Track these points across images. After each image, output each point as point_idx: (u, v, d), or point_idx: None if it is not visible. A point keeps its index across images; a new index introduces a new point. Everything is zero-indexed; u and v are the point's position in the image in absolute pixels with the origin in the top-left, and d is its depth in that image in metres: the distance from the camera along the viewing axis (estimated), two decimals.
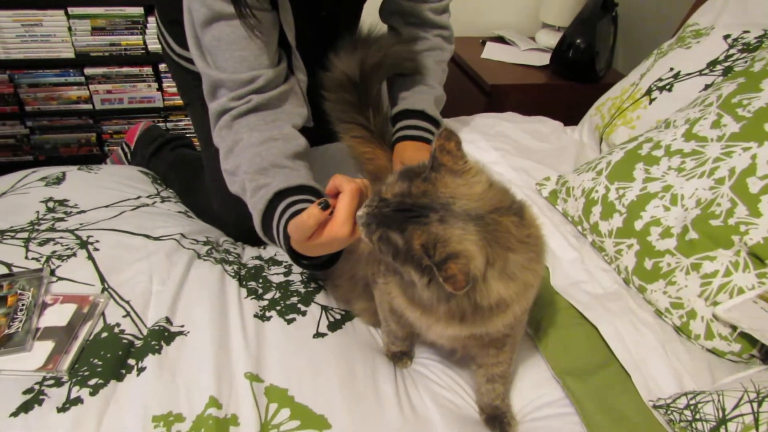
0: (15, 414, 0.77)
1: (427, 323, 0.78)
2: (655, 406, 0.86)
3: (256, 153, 0.97)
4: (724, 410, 0.78)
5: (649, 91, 1.41)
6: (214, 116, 1.03)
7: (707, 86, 1.28)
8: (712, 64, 1.31)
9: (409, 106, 1.24)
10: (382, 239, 0.69)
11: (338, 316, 1.02)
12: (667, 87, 1.37)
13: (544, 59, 2.23)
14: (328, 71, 1.12)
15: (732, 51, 1.30)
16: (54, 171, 1.36)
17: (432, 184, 0.70)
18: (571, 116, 1.77)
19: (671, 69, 1.39)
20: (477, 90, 2.15)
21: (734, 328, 0.96)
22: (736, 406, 0.77)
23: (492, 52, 2.30)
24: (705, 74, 1.31)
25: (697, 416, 0.80)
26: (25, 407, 0.78)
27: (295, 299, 1.04)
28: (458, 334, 0.77)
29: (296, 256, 0.89)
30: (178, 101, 2.33)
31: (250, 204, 0.98)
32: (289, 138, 1.01)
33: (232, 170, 1.02)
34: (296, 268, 1.13)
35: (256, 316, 0.99)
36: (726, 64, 1.28)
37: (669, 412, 0.84)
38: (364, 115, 1.14)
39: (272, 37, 1.04)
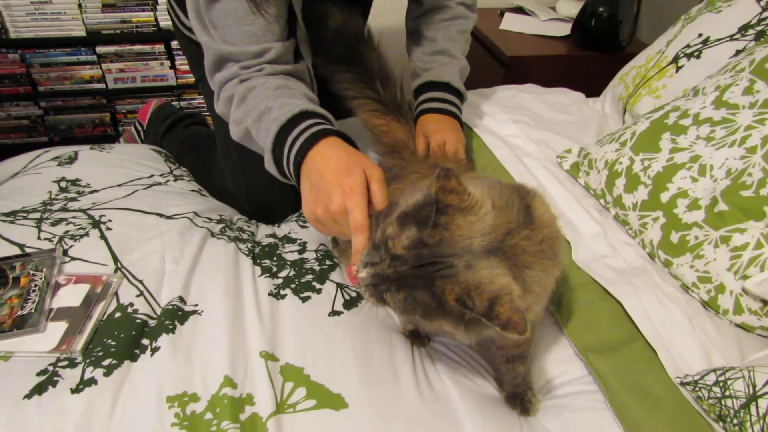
0: (29, 396, 0.77)
1: (441, 330, 0.76)
2: (682, 383, 0.84)
3: (270, 95, 0.92)
4: (754, 386, 0.75)
5: (676, 59, 1.36)
6: (218, 85, 0.99)
7: (738, 52, 1.23)
8: (743, 29, 1.25)
9: (433, 77, 1.20)
10: (408, 301, 0.65)
11: (354, 294, 1.00)
12: (696, 54, 1.32)
13: (564, 29, 2.17)
14: (317, 55, 1.09)
15: (765, 14, 1.23)
16: (66, 150, 1.35)
17: (445, 228, 0.64)
18: (593, 88, 1.71)
19: (700, 35, 1.34)
20: (495, 62, 2.09)
21: (765, 302, 0.93)
22: None
23: (511, 23, 2.24)
24: (736, 39, 1.25)
25: (727, 393, 0.77)
26: (39, 389, 0.78)
27: (309, 277, 1.02)
28: (478, 339, 0.75)
29: (287, 170, 0.87)
30: (191, 79, 2.31)
31: (266, 121, 0.90)
32: (305, 89, 0.98)
33: (240, 119, 0.96)
34: (311, 246, 1.12)
35: (270, 294, 0.97)
36: (759, 27, 1.22)
37: (697, 388, 0.81)
38: (372, 89, 1.11)
39: (281, 11, 1.00)
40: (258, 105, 0.91)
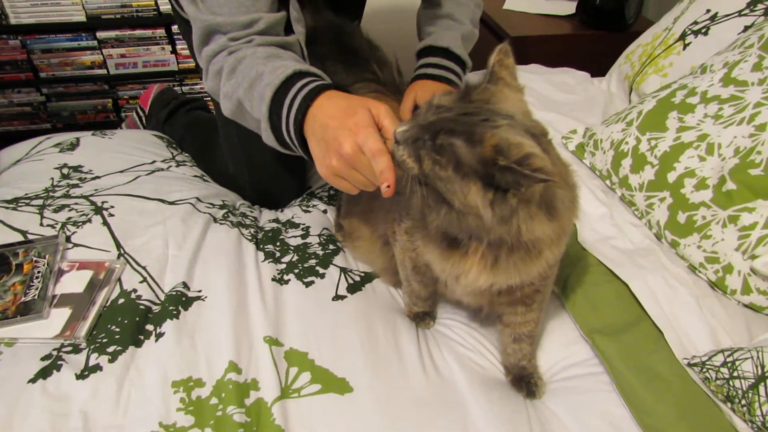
0: (33, 380, 0.77)
1: (456, 273, 0.75)
2: (689, 364, 0.83)
3: (261, 62, 0.89)
4: (763, 367, 0.75)
5: (683, 36, 1.33)
6: (207, 59, 0.95)
7: (747, 27, 1.20)
8: (752, 3, 1.23)
9: (432, 42, 1.16)
10: (442, 149, 0.63)
11: (357, 278, 1.00)
12: (703, 30, 1.29)
13: (569, 8, 2.13)
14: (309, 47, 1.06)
15: None
16: (68, 137, 1.34)
17: (493, 94, 0.67)
18: (598, 67, 1.69)
19: (708, 11, 1.31)
20: (499, 43, 2.06)
21: None
22: None
23: (514, 2, 2.21)
24: (745, 14, 1.23)
25: (735, 374, 0.76)
26: (44, 373, 0.78)
27: (313, 262, 1.02)
28: (490, 283, 0.74)
29: (288, 135, 0.84)
30: (193, 64, 2.29)
31: (259, 87, 0.86)
32: (297, 57, 0.94)
33: (231, 92, 0.92)
34: (314, 230, 1.11)
35: (274, 279, 0.97)
36: None
37: (705, 370, 0.80)
38: (369, 71, 1.09)
39: None
40: (249, 73, 0.87)
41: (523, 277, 0.73)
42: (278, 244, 1.06)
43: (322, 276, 0.99)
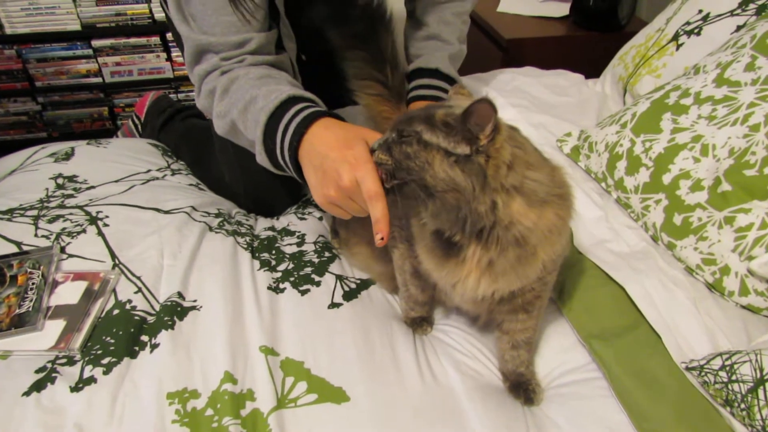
0: (27, 393, 0.76)
1: (452, 281, 0.75)
2: (688, 368, 0.83)
3: (254, 84, 0.90)
4: (762, 370, 0.74)
5: (676, 36, 1.33)
6: (199, 78, 0.96)
7: (739, 27, 1.20)
8: (744, 3, 1.23)
9: (422, 64, 1.18)
10: (406, 133, 0.69)
11: (353, 286, 0.99)
12: (696, 31, 1.29)
13: (563, 10, 2.13)
14: (339, 26, 1.06)
15: None
16: (63, 146, 1.34)
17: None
18: (592, 69, 1.69)
19: (700, 11, 1.31)
20: (493, 45, 2.06)
21: None
22: None
23: (509, 4, 2.21)
24: (737, 14, 1.23)
25: (734, 377, 0.76)
26: (38, 386, 0.77)
27: (308, 270, 1.01)
28: (492, 290, 0.74)
29: (282, 159, 0.86)
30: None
31: (253, 111, 0.88)
32: (289, 78, 0.95)
33: (224, 112, 0.93)
34: (309, 238, 1.11)
35: (269, 288, 0.97)
36: (760, 1, 1.20)
37: (703, 373, 0.80)
38: (382, 72, 1.09)
39: (261, 1, 0.98)
40: (243, 95, 0.89)
41: (522, 281, 0.74)
42: (274, 252, 1.06)
43: (318, 284, 0.98)
